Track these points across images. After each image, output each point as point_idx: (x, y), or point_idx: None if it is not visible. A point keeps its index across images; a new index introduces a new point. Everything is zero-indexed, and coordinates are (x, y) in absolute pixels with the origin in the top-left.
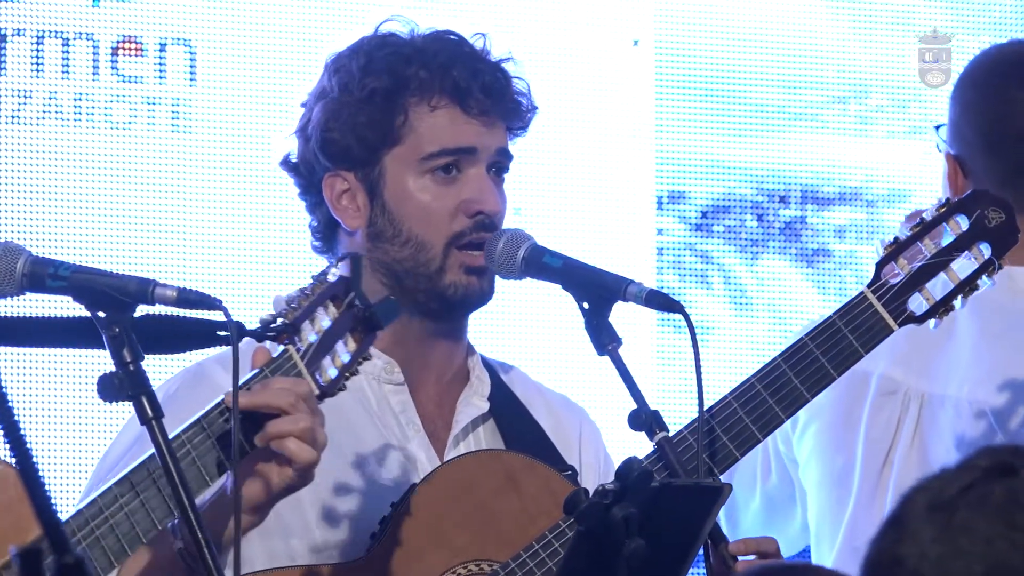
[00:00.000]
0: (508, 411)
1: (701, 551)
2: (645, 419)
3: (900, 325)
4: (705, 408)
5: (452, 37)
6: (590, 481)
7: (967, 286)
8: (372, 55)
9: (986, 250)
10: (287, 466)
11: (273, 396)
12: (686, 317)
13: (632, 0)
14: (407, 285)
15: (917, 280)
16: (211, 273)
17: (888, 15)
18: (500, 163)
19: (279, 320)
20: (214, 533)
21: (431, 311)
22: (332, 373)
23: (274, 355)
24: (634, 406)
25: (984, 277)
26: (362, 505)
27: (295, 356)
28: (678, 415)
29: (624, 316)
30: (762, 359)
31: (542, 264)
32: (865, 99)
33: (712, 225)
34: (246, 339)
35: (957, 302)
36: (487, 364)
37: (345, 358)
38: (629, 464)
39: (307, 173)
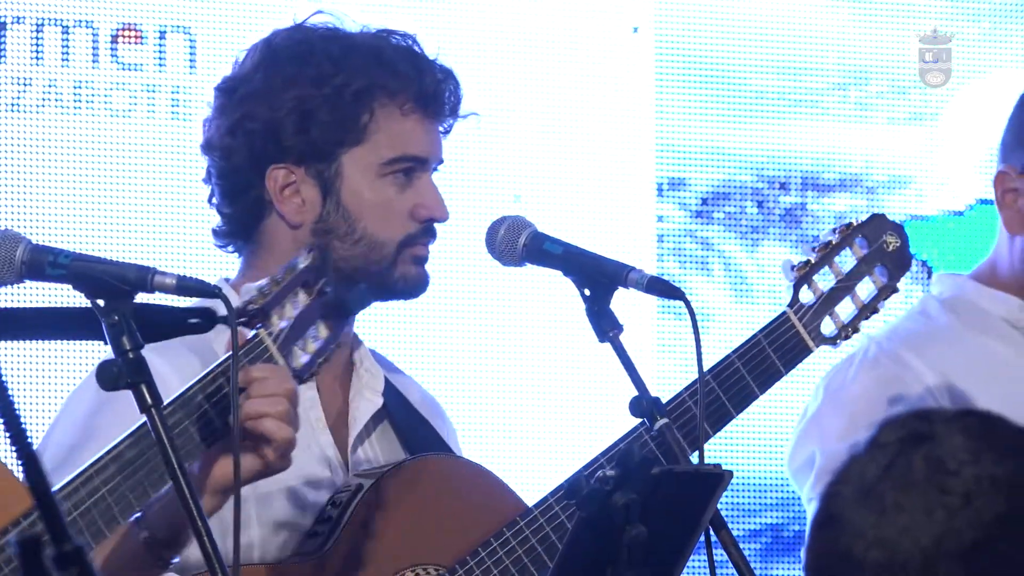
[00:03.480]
0: (401, 410)
1: (702, 538)
2: (646, 406)
3: (817, 346)
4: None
5: (402, 38)
6: None
7: (869, 311)
8: (336, 49)
9: (882, 275)
10: (266, 447)
11: (259, 385)
12: (687, 304)
13: None
14: (352, 281)
15: (827, 304)
16: (210, 261)
17: (888, 2)
18: (437, 167)
19: (249, 306)
20: (174, 515)
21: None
22: (304, 359)
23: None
24: (635, 393)
25: (882, 301)
26: (294, 504)
27: (267, 340)
28: None
29: (625, 303)
30: None
31: (543, 251)
32: (865, 86)
33: (712, 212)
34: (218, 325)
35: (862, 324)
36: (376, 358)
37: (317, 344)
38: (630, 450)
39: (245, 161)
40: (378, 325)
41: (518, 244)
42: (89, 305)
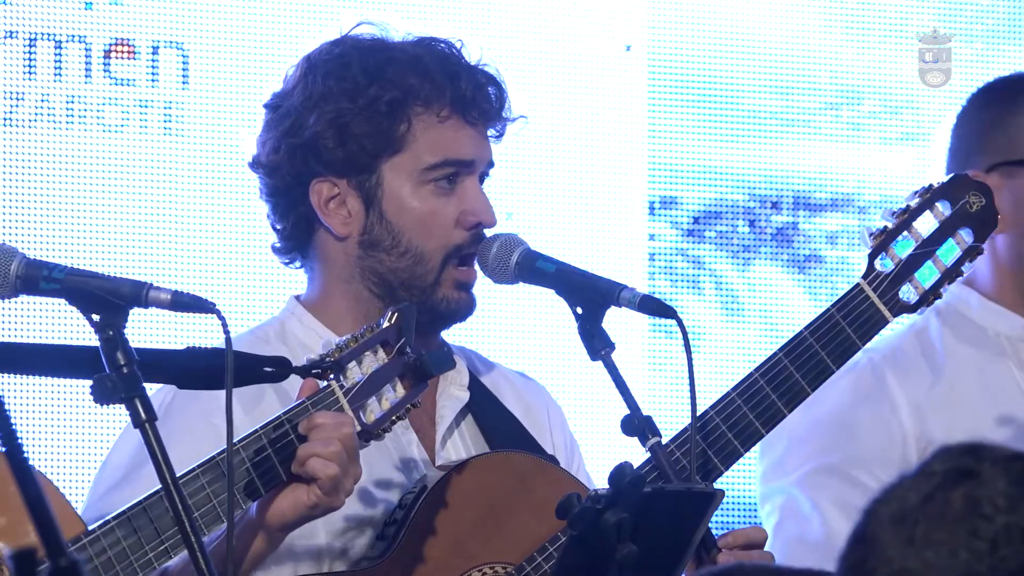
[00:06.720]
0: (485, 405)
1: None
2: (638, 424)
3: (895, 315)
4: (710, 404)
5: (445, 45)
6: (563, 461)
7: (953, 274)
8: (372, 61)
9: (967, 236)
10: (313, 484)
11: (317, 430)
12: (679, 322)
13: (625, 5)
14: (399, 296)
15: (906, 270)
16: (204, 276)
17: (881, 21)
18: (486, 172)
19: (326, 359)
20: (236, 556)
21: (420, 325)
22: (377, 414)
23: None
24: (627, 411)
25: (968, 263)
26: (364, 506)
27: (338, 392)
28: (671, 420)
29: (617, 321)
30: (754, 364)
31: (535, 269)
32: (858, 105)
33: (704, 231)
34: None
35: (944, 290)
36: (470, 356)
37: (393, 401)
38: (621, 469)
39: (289, 176)
40: None
41: (511, 262)
42: (86, 334)
